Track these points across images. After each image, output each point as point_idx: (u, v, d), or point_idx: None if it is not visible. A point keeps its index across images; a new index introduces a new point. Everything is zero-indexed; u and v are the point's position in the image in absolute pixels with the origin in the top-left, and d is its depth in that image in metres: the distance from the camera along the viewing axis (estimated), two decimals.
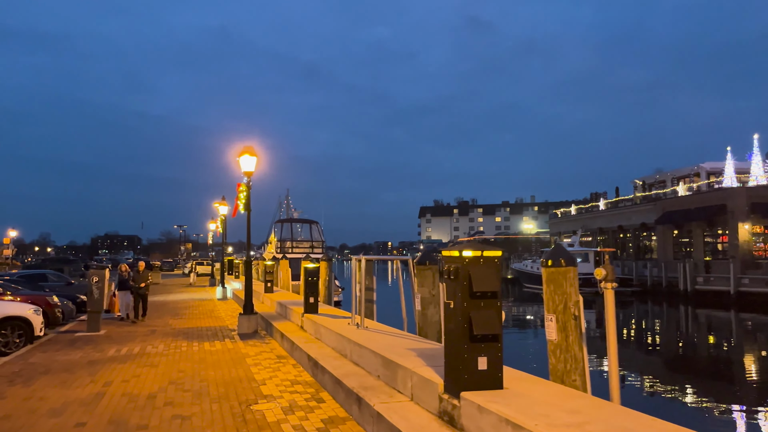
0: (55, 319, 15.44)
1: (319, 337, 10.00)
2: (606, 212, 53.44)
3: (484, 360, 4.74)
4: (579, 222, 57.61)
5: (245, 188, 13.89)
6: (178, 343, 12.21)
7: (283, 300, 15.17)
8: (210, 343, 12.18)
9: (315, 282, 11.50)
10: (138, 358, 10.41)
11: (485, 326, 4.69)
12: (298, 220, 36.44)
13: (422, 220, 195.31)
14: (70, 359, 10.45)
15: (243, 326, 13.61)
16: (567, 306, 5.20)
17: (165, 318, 17.64)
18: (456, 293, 4.80)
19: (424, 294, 8.36)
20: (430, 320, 8.38)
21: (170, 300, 25.19)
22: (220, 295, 26.01)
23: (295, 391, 7.60)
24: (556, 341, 5.21)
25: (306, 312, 11.41)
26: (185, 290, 32.41)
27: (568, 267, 5.24)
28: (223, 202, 27.00)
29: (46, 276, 22.51)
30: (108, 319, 17.28)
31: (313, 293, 11.45)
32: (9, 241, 54.12)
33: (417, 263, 8.46)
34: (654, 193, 49.31)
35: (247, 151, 13.84)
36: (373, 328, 8.90)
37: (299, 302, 14.11)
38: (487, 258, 4.83)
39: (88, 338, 13.23)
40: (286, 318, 13.46)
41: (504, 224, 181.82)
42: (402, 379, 5.92)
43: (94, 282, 14.51)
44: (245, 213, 14.56)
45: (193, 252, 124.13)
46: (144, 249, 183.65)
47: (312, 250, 34.12)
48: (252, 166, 13.92)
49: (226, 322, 16.28)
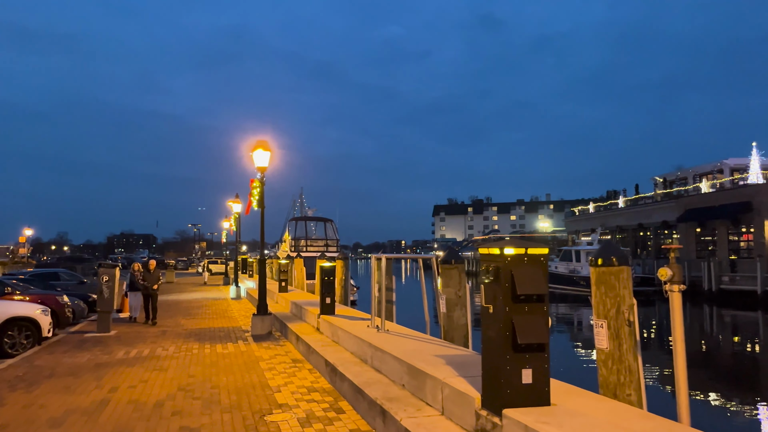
0: (65, 319, 15.06)
1: (336, 340, 9.46)
2: (625, 210, 52.35)
3: (528, 372, 4.15)
4: (597, 220, 56.55)
5: (259, 184, 13.39)
6: (190, 345, 11.74)
7: (298, 300, 14.66)
8: (222, 345, 11.70)
9: (331, 282, 10.97)
10: (147, 361, 9.94)
11: (530, 334, 4.10)
12: (312, 218, 35.95)
13: (436, 218, 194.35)
14: (77, 362, 10.01)
15: (257, 327, 13.12)
16: (620, 310, 4.59)
17: (177, 318, 17.22)
18: (496, 296, 4.22)
19: (449, 295, 7.78)
20: (456, 323, 7.79)
21: (183, 299, 24.83)
22: (234, 294, 25.60)
23: (312, 400, 7.05)
24: (607, 350, 4.60)
25: (322, 313, 10.87)
26: (199, 289, 32.11)
27: (621, 266, 4.63)
28: (236, 200, 26.59)
29: (59, 275, 22.25)
30: (119, 319, 16.90)
31: (330, 293, 10.91)
32: (25, 240, 54.37)
33: (441, 262, 7.88)
34: (675, 191, 48.18)
35: (260, 146, 13.34)
36: (394, 331, 8.33)
37: (315, 302, 13.59)
38: (533, 256, 4.24)
39: (97, 339, 12.81)
40: (302, 319, 12.95)
41: (519, 223, 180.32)
42: (431, 390, 5.34)
43: (104, 281, 14.10)
44: (259, 210, 14.08)
45: (208, 251, 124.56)
46: (159, 248, 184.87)
47: (327, 248, 33.63)
48: (265, 162, 13.42)
49: (239, 323, 15.82)
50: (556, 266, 46.64)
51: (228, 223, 40.85)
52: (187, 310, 19.94)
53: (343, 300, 14.51)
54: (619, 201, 54.13)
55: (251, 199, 13.59)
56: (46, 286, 19.40)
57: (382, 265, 9.07)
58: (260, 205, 13.48)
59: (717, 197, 41.49)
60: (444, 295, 7.82)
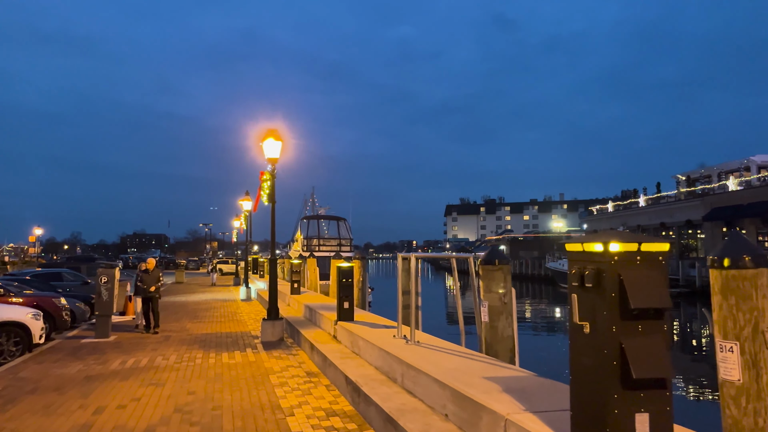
0: (62, 322, 14.03)
1: (357, 351, 8.29)
2: (647, 209, 50.71)
3: (644, 419, 2.96)
4: (617, 219, 54.96)
5: (269, 177, 12.27)
6: (193, 354, 10.64)
7: (312, 303, 13.52)
8: (229, 354, 10.58)
9: (350, 284, 9.80)
10: (143, 373, 8.84)
11: (649, 364, 2.90)
12: (325, 217, 34.83)
13: (448, 218, 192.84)
14: (66, 373, 8.93)
15: (267, 333, 12.00)
16: (758, 329, 3.37)
17: (183, 321, 16.16)
18: (596, 310, 3.03)
19: (492, 302, 6.58)
20: (501, 335, 6.59)
21: (191, 301, 23.81)
22: (244, 295, 24.55)
23: (332, 428, 5.89)
24: (739, 383, 3.38)
25: (340, 319, 9.71)
26: (208, 290, 31.11)
27: (760, 268, 3.40)
28: (246, 198, 25.54)
29: (62, 275, 21.29)
30: (121, 323, 15.87)
31: (348, 297, 9.75)
32: (35, 240, 53.84)
33: (483, 262, 6.68)
34: (700, 189, 46.48)
35: (271, 135, 12.22)
36: (425, 343, 7.15)
37: (330, 306, 12.45)
38: (648, 255, 3.04)
39: (94, 346, 11.75)
40: (316, 324, 11.80)
41: (532, 222, 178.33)
42: (489, 428, 4.15)
43: (102, 282, 13.05)
44: (269, 206, 12.97)
45: (220, 251, 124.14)
46: (171, 248, 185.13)
47: (340, 248, 32.48)
48: (277, 152, 12.30)
49: (248, 327, 14.71)
50: None
51: (239, 221, 39.87)
52: (194, 312, 18.89)
53: (361, 303, 13.35)
54: (640, 200, 52.48)
55: (261, 194, 12.47)
56: (47, 287, 18.45)
57: (411, 266, 7.89)
58: (271, 200, 12.36)
59: (745, 195, 39.81)
60: (486, 302, 6.62)
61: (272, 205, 12.45)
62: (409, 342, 7.16)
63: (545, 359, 17.83)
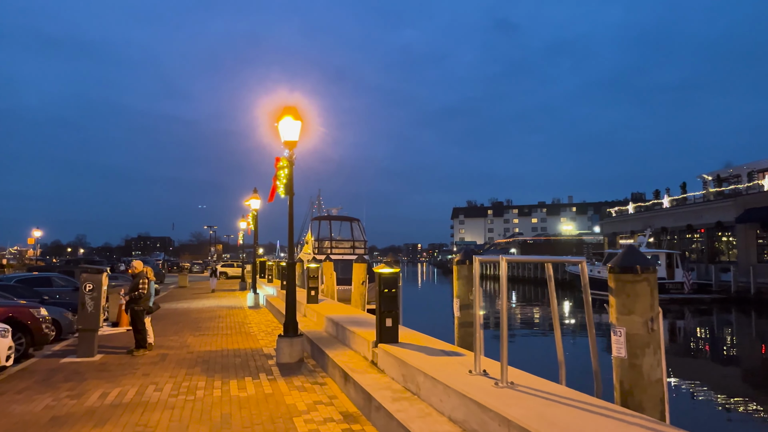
0: (41, 337, 11.95)
1: (415, 389, 6.11)
2: (671, 210, 48.34)
3: None
4: (638, 221, 52.60)
5: (287, 163, 10.13)
6: (194, 382, 8.51)
7: (336, 316, 11.37)
8: (239, 382, 8.45)
9: (394, 296, 7.66)
10: (127, 414, 6.71)
11: None
12: (337, 218, 32.65)
13: (455, 221, 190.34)
14: (28, 412, 6.82)
15: (284, 353, 9.86)
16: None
17: (183, 334, 14.04)
18: None
19: (633, 328, 4.41)
20: (647, 379, 4.42)
21: (194, 308, 21.71)
22: (252, 302, 22.45)
23: None
24: None
25: (381, 341, 7.56)
26: (212, 296, 29.02)
27: None
28: (254, 196, 23.44)
29: (51, 280, 19.23)
30: (112, 337, 13.77)
31: (392, 313, 7.61)
32: (33, 241, 51.94)
33: (618, 269, 4.50)
34: (730, 189, 44.11)
35: (288, 114, 10.11)
36: (523, 385, 4.99)
37: (360, 320, 10.31)
38: None
39: (74, 369, 9.64)
40: (344, 343, 9.65)
41: (540, 225, 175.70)
42: None
43: (86, 291, 10.95)
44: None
45: (224, 254, 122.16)
46: (175, 250, 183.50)
47: (353, 250, 30.38)
48: (295, 134, 10.18)
49: (260, 343, 12.58)
50: (599, 271, 42.90)
51: (245, 222, 37.78)
52: (196, 322, 16.78)
53: None
54: (664, 200, 50.11)
55: (276, 183, 10.34)
56: (31, 293, 16.39)
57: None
58: (288, 191, 10.22)
59: None
60: (621, 328, 4.45)
61: (290, 197, 10.33)
62: (500, 384, 4.99)
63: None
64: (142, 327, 11.33)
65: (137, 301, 11.33)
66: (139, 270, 11.76)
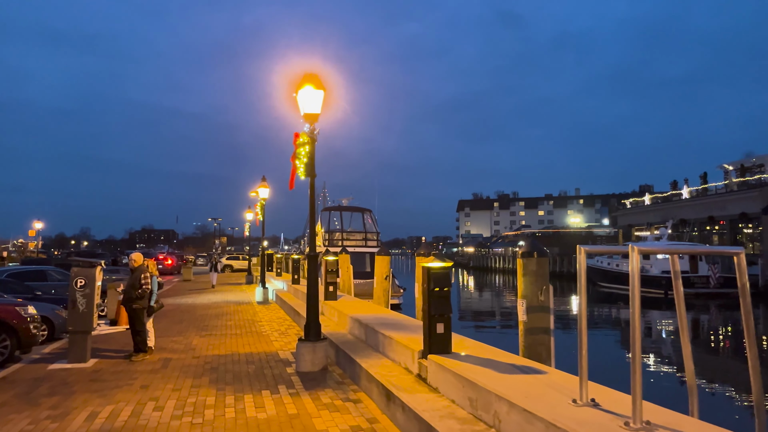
0: (28, 338, 10.60)
1: (492, 422, 4.66)
2: (691, 201, 46.79)
3: None
4: (656, 213, 51.06)
5: (308, 139, 8.70)
6: (201, 397, 7.14)
7: (362, 316, 9.97)
8: (254, 397, 7.07)
9: (446, 296, 6.23)
10: None
11: None
12: (348, 208, 31.19)
13: (461, 214, 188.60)
14: None
15: (305, 360, 8.48)
16: None
17: (188, 334, 12.70)
18: None
19: None
20: None
21: (200, 303, 20.38)
22: (261, 297, 21.10)
23: None
24: None
25: (432, 351, 6.14)
26: (219, 290, 27.70)
27: None
28: (263, 184, 22.03)
29: (46, 274, 17.91)
30: (109, 338, 12.43)
31: (444, 317, 6.18)
32: (34, 233, 50.71)
33: None
34: (756, 179, 42.48)
35: (309, 82, 8.68)
36: (664, 426, 3.57)
37: (391, 321, 8.92)
38: None
39: (62, 379, 8.28)
40: (377, 350, 8.24)
41: (547, 218, 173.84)
42: None
43: (78, 287, 9.59)
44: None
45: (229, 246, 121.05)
46: (179, 243, 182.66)
47: (365, 242, 28.98)
48: (317, 106, 8.75)
49: (274, 345, 11.22)
50: (618, 264, 41.43)
51: (251, 213, 36.41)
52: (202, 319, 15.43)
53: None
54: (683, 191, 48.54)
55: (295, 164, 8.90)
56: (23, 288, 15.07)
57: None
58: (310, 172, 8.79)
59: None
60: None
61: (311, 180, 8.90)
62: (633, 424, 3.56)
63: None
64: (142, 328, 9.96)
65: (137, 299, 9.95)
66: (139, 263, 10.36)
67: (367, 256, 26.97)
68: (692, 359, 4.23)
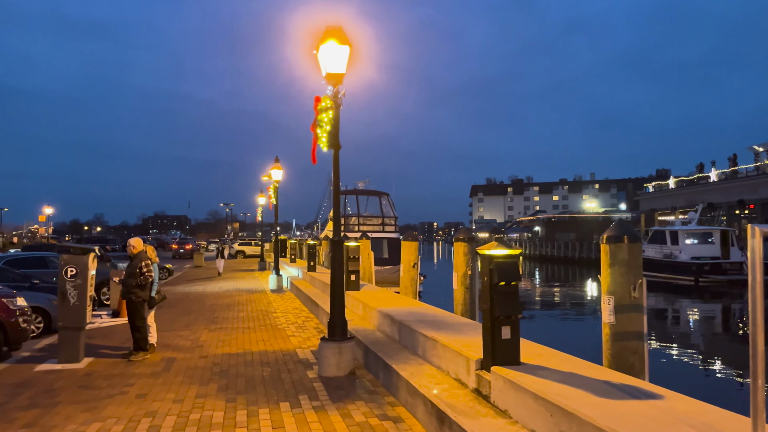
0: (17, 333, 9.47)
1: None
2: (720, 184, 44.92)
3: None
4: (681, 197, 49.24)
5: (330, 104, 7.37)
6: (207, 411, 5.91)
7: (392, 310, 8.68)
8: (272, 413, 5.83)
9: (513, 292, 4.90)
10: None
11: None
12: (364, 192, 29.86)
13: (474, 199, 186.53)
14: None
15: (329, 364, 7.22)
16: None
17: (195, 327, 11.52)
18: None
19: None
20: None
21: (210, 291, 19.26)
22: (275, 285, 19.95)
23: None
24: None
25: (497, 362, 4.82)
26: (230, 276, 26.62)
27: None
28: (276, 166, 20.76)
29: (46, 260, 16.83)
30: (108, 331, 11.29)
31: (512, 318, 4.86)
32: (44, 219, 50.00)
33: None
34: None
35: (332, 37, 7.33)
36: None
37: (429, 317, 7.62)
38: None
39: (47, 384, 7.10)
40: (416, 352, 6.95)
41: (562, 203, 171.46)
42: None
43: (68, 277, 8.40)
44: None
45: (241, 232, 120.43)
46: (191, 229, 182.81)
47: (383, 227, 27.69)
48: (342, 65, 7.41)
49: (291, 341, 9.99)
50: (643, 249, 39.86)
51: (263, 198, 35.23)
52: (212, 310, 14.27)
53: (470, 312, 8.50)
54: (711, 174, 46.63)
55: (317, 134, 7.57)
56: (20, 276, 13.99)
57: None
58: (333, 143, 7.47)
59: None
60: None
61: (335, 152, 7.59)
62: None
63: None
64: (142, 323, 8.76)
65: (137, 290, 8.73)
66: (138, 249, 9.13)
67: (385, 242, 25.72)
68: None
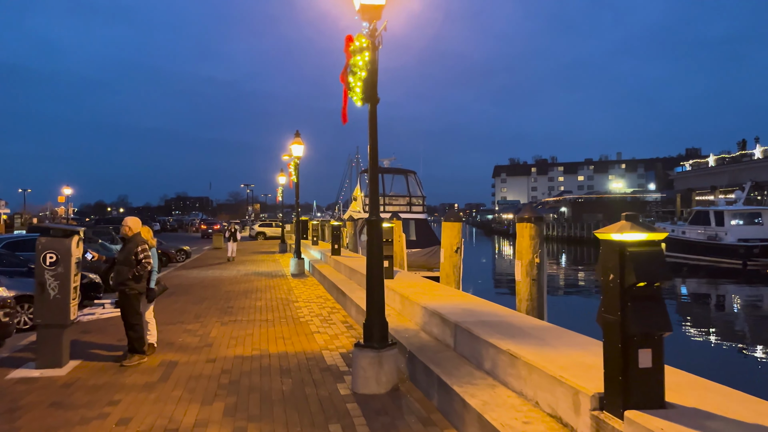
0: (1, 328, 8.11)
1: None
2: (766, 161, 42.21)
3: None
4: (722, 175, 46.57)
5: (366, 43, 5.69)
6: None
7: (442, 307, 7.02)
8: None
9: (656, 298, 3.22)
10: None
11: None
12: (389, 170, 28.10)
13: (497, 179, 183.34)
14: None
15: (367, 378, 5.64)
16: None
17: (207, 319, 10.06)
18: None
19: None
20: None
21: (227, 276, 17.89)
22: (296, 269, 18.50)
23: None
24: None
25: (631, 403, 3.16)
26: (248, 259, 25.28)
27: None
28: (297, 140, 19.14)
29: None
30: (105, 322, 9.88)
31: (654, 339, 3.18)
32: (64, 200, 49.34)
33: None
34: None
35: None
36: None
37: (491, 318, 5.96)
38: None
39: (13, 399, 5.65)
40: (479, 365, 5.32)
41: (587, 183, 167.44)
42: None
43: (47, 265, 6.94)
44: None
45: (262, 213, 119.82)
46: (213, 210, 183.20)
47: (410, 207, 26.01)
48: None
49: (316, 340, 8.45)
50: (684, 231, 37.65)
51: (284, 177, 33.76)
52: (227, 298, 12.84)
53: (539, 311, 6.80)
54: (755, 151, 43.86)
55: (348, 84, 5.88)
56: (16, 260, 12.70)
57: None
58: (369, 95, 5.79)
59: None
60: None
61: (371, 106, 5.92)
62: None
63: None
64: (138, 321, 7.26)
65: (132, 281, 7.22)
66: (134, 231, 7.58)
67: (413, 223, 24.07)
68: None
